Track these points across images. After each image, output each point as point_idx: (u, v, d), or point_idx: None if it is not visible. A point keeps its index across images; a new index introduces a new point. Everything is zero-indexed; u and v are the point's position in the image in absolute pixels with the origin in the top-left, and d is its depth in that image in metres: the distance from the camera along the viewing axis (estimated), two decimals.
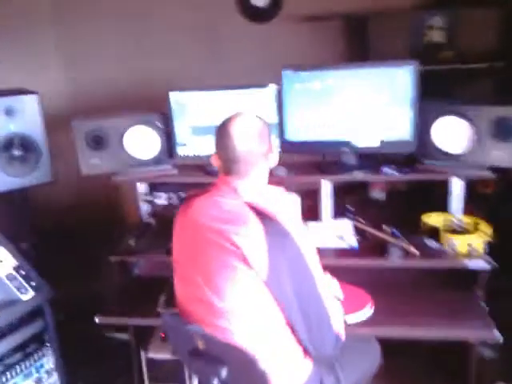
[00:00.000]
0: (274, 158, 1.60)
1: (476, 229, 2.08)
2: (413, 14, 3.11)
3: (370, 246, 2.09)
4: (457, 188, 2.17)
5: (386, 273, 2.11)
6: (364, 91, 2.14)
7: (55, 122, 2.44)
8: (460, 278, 2.04)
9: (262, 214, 1.46)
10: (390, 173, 2.18)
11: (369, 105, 2.15)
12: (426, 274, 2.11)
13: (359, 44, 3.17)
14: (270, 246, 1.41)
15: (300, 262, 1.45)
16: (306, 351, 1.53)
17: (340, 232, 2.18)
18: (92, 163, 2.25)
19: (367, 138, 2.20)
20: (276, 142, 2.26)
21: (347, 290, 1.95)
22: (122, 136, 2.25)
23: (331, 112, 2.20)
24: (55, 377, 2.01)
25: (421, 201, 2.48)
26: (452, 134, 2.08)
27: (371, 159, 2.27)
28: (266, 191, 1.58)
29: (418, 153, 2.18)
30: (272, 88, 2.22)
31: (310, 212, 2.31)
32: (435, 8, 3.07)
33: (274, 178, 2.22)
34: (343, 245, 2.11)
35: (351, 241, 2.12)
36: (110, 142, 2.24)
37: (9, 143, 2.22)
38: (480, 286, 2.01)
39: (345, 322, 1.73)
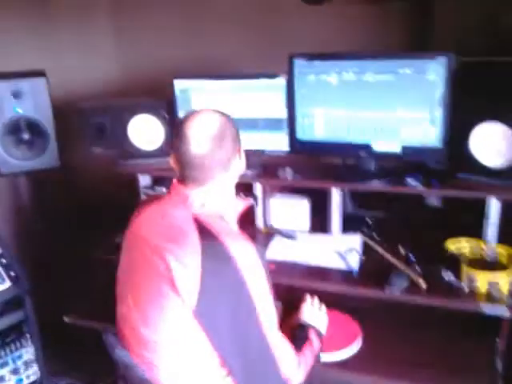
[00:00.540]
0: (240, 165, 1.38)
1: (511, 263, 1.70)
2: None
3: (374, 271, 1.75)
4: (493, 209, 1.79)
5: (391, 305, 1.72)
6: (387, 86, 1.81)
7: None
8: (480, 323, 1.65)
9: (205, 232, 1.26)
10: (413, 185, 1.85)
11: (392, 102, 1.82)
12: (441, 312, 1.69)
13: (422, 29, 2.73)
14: (205, 271, 1.21)
15: (241, 293, 1.23)
16: None
17: (344, 249, 1.87)
18: (95, 151, 2.18)
19: (388, 142, 1.87)
20: (285, 140, 2.02)
21: (335, 321, 1.70)
22: (126, 124, 2.14)
23: (348, 108, 1.89)
24: (35, 368, 2.00)
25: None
26: (493, 143, 1.71)
27: (395, 166, 1.96)
28: (222, 204, 1.37)
29: (451, 164, 1.83)
30: (282, 79, 1.97)
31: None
32: None
33: (278, 181, 2.05)
34: (341, 265, 1.80)
35: (352, 261, 1.80)
36: (114, 130, 2.14)
37: (16, 126, 2.20)
38: (501, 336, 1.64)
39: (318, 362, 1.50)
